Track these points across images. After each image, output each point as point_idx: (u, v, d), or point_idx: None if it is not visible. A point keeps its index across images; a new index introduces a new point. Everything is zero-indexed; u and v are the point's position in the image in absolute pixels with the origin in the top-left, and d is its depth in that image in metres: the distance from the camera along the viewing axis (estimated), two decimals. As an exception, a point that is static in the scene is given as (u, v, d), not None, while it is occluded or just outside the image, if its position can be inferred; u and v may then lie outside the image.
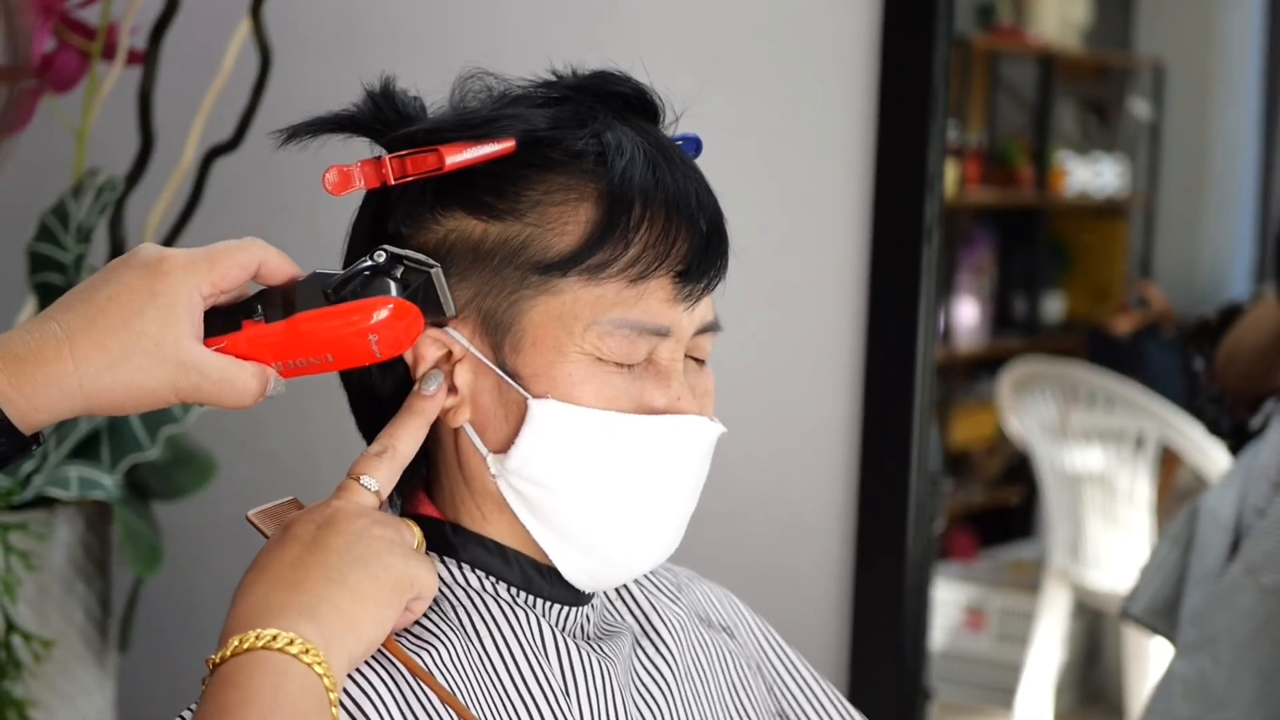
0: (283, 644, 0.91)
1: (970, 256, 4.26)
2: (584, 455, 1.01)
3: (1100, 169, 4.33)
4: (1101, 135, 4.48)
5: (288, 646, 0.91)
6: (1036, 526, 3.71)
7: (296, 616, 0.93)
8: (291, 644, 0.91)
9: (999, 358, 3.84)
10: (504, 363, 1.02)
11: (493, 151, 1.01)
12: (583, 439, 1.01)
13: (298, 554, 0.96)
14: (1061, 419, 3.43)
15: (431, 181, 1.02)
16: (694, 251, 1.02)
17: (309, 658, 0.91)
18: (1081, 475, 3.38)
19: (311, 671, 0.91)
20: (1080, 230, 4.49)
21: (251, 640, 0.92)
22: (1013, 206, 4.32)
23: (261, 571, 0.97)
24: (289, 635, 0.92)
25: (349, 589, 0.95)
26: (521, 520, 1.04)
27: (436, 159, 1.00)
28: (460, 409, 1.03)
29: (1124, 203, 4.39)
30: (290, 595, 0.94)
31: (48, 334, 0.93)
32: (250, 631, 0.92)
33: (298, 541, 0.97)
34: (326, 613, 0.94)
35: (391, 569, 0.97)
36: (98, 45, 1.72)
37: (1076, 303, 4.40)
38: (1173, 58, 4.24)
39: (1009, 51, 4.30)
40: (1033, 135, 4.28)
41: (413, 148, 1.01)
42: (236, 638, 0.92)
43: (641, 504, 1.03)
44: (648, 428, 1.02)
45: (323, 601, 0.94)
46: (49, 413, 0.94)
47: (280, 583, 0.95)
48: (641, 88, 1.07)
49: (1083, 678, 3.43)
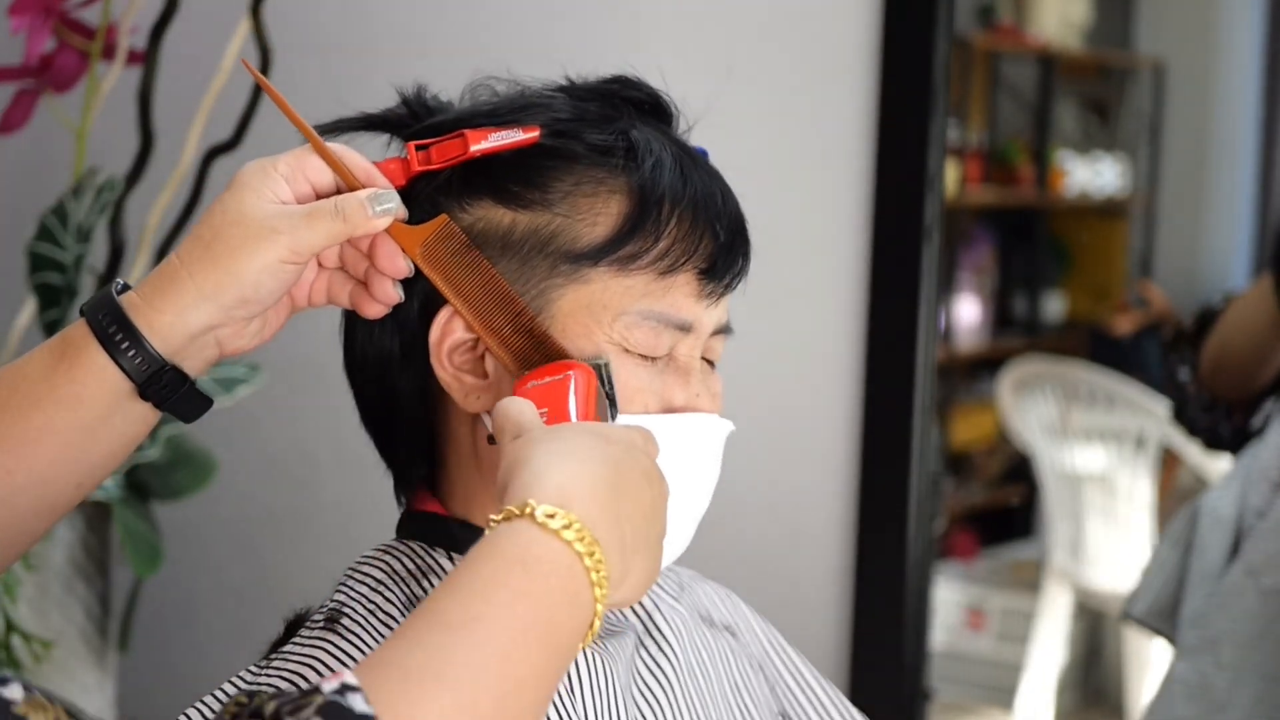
0: (593, 564, 0.83)
1: (970, 256, 4.26)
2: None
3: (1100, 169, 4.33)
4: (1101, 135, 4.49)
5: (603, 579, 0.84)
6: (1037, 526, 3.72)
7: (616, 549, 0.85)
8: (602, 578, 0.84)
9: (999, 358, 3.84)
10: None
11: (520, 139, 1.01)
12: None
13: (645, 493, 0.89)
14: (1062, 419, 3.43)
15: (458, 170, 1.02)
16: (719, 250, 1.04)
17: (599, 591, 0.84)
18: (1082, 475, 3.38)
19: (593, 608, 0.84)
20: (1080, 230, 4.49)
21: (574, 535, 0.83)
22: (1013, 206, 4.32)
23: (584, 464, 0.87)
24: (606, 570, 0.84)
25: (651, 554, 0.90)
26: None
27: (462, 144, 1.01)
28: (485, 393, 1.03)
29: (1124, 202, 4.39)
30: (613, 528, 0.86)
31: (166, 260, 0.99)
32: (576, 522, 0.83)
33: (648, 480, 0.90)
34: (634, 563, 0.88)
35: (660, 556, 0.92)
36: (97, 45, 1.72)
37: (1077, 302, 4.40)
38: (1173, 58, 4.25)
39: (1009, 51, 4.30)
40: (1033, 135, 4.29)
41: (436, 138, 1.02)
42: (563, 513, 0.83)
43: None
44: (670, 426, 1.02)
45: (633, 556, 0.87)
46: (174, 312, 0.97)
47: (605, 499, 0.86)
48: (657, 94, 1.09)
49: (1083, 678, 3.43)
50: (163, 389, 0.99)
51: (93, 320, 0.98)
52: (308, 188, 1.00)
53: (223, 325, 0.99)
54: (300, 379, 1.96)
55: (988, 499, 4.07)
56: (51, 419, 0.97)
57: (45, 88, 1.73)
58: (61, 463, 0.99)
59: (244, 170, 0.99)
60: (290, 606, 1.08)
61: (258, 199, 0.97)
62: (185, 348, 0.99)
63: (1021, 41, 4.28)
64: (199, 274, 0.97)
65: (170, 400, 1.00)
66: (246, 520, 2.11)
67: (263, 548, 2.11)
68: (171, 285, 0.98)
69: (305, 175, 1.00)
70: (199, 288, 0.97)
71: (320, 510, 2.07)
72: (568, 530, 0.83)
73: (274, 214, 0.97)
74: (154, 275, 0.99)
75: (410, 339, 1.04)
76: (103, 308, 0.98)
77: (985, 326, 4.28)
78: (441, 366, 1.03)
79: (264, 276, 0.97)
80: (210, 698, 0.98)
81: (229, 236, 0.97)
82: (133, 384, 0.98)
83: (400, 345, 1.05)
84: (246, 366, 1.75)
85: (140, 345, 0.97)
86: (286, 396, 2.00)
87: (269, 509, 2.10)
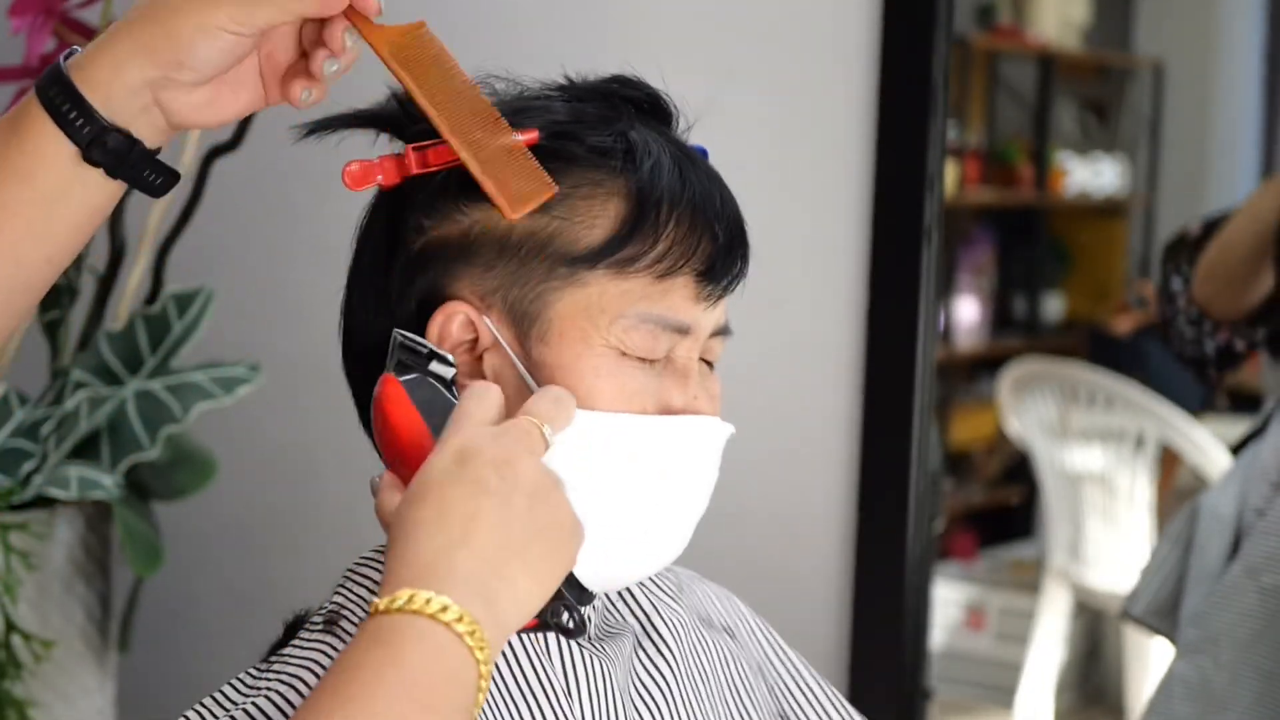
0: (451, 619, 0.85)
1: (970, 256, 4.26)
2: (604, 457, 1.01)
3: (1100, 169, 4.33)
4: (1101, 135, 4.49)
5: (456, 624, 0.85)
6: (1036, 526, 3.72)
7: (473, 593, 0.86)
8: (461, 620, 0.85)
9: (999, 358, 3.84)
10: (529, 354, 1.02)
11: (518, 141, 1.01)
12: (603, 441, 1.01)
13: (483, 508, 0.89)
14: (1061, 419, 3.43)
15: (454, 173, 1.02)
16: (717, 252, 1.03)
17: (473, 640, 0.85)
18: (1081, 475, 3.38)
19: (471, 657, 0.85)
20: (1080, 230, 4.49)
21: (421, 604, 0.85)
22: (1013, 206, 4.33)
23: (441, 512, 0.88)
24: (459, 611, 0.85)
25: (529, 565, 0.89)
26: None
27: None
28: None
29: (1124, 203, 4.39)
30: (471, 561, 0.87)
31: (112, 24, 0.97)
32: (421, 593, 0.85)
33: (485, 491, 0.89)
34: (502, 591, 0.88)
35: (568, 543, 0.92)
36: (98, 45, 1.72)
37: (1076, 303, 4.41)
38: (1172, 58, 4.25)
39: (1009, 51, 4.30)
40: (1033, 135, 4.29)
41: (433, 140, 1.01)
42: (407, 593, 0.85)
43: (660, 505, 1.03)
44: (666, 429, 1.02)
45: (500, 576, 0.88)
46: (110, 67, 0.95)
47: (462, 537, 0.87)
48: (656, 94, 1.08)
49: (1083, 678, 3.43)
50: (109, 153, 0.97)
51: (39, 89, 0.96)
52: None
53: (162, 87, 0.97)
54: (300, 379, 1.96)
55: (987, 499, 4.07)
56: (7, 196, 0.96)
57: (45, 88, 1.73)
58: (27, 239, 0.97)
59: None
60: (290, 607, 1.08)
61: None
62: (127, 106, 0.96)
63: (1021, 42, 4.29)
64: (136, 29, 0.95)
65: (121, 168, 0.98)
66: (246, 520, 2.11)
67: (263, 548, 2.11)
68: (109, 39, 0.96)
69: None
70: (135, 39, 0.95)
71: (320, 510, 2.07)
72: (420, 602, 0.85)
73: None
74: (98, 38, 0.97)
75: None
76: (49, 76, 0.96)
77: (985, 326, 4.29)
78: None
79: (199, 38, 0.95)
80: (210, 699, 0.98)
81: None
82: (77, 147, 0.96)
83: None
84: (246, 367, 1.75)
85: (82, 106, 0.95)
86: (286, 396, 2.00)
87: (269, 509, 2.10)
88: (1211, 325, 1.97)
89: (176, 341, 1.75)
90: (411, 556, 0.87)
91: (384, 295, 1.04)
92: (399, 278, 1.03)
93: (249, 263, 2.03)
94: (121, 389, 1.71)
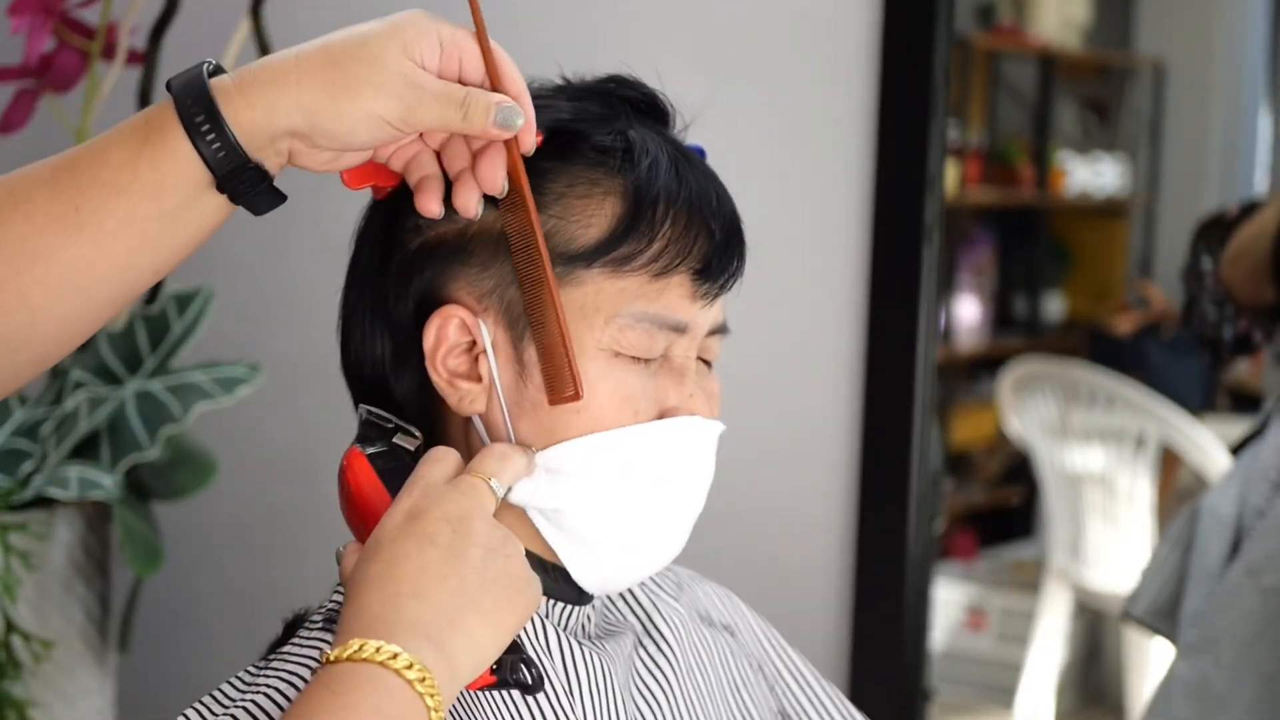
0: (400, 666, 0.87)
1: (970, 256, 4.26)
2: (599, 473, 1.01)
3: (1100, 169, 4.33)
4: (1101, 135, 4.49)
5: (405, 670, 0.87)
6: (1036, 526, 3.72)
7: (423, 639, 0.88)
8: (410, 668, 0.87)
9: (999, 358, 3.84)
10: (523, 355, 1.02)
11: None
12: (598, 458, 1.01)
13: (432, 559, 0.91)
14: (1062, 419, 3.43)
15: None
16: (713, 251, 1.03)
17: (423, 687, 0.87)
18: (1082, 475, 3.38)
19: (421, 703, 0.87)
20: (1080, 230, 4.49)
21: (371, 652, 0.87)
22: (1013, 206, 4.32)
23: (390, 566, 0.91)
24: (409, 658, 0.87)
25: (483, 614, 0.91)
26: (535, 524, 1.03)
27: None
28: (479, 397, 1.02)
29: (1124, 202, 4.39)
30: (422, 610, 0.89)
31: (282, 54, 0.96)
32: (371, 641, 0.88)
33: (432, 544, 0.92)
34: (455, 639, 0.90)
35: (522, 594, 0.94)
36: (97, 45, 1.72)
37: (1077, 302, 4.40)
38: (1173, 58, 4.25)
39: (1009, 51, 4.30)
40: (1033, 135, 4.29)
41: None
42: (357, 642, 0.88)
43: (657, 510, 1.04)
44: (657, 435, 1.02)
45: (454, 625, 0.90)
46: (265, 110, 0.94)
47: (412, 589, 0.90)
48: (653, 93, 1.08)
49: (1083, 678, 3.44)
50: (241, 185, 0.96)
51: (180, 105, 0.95)
52: (455, 67, 0.98)
53: (305, 143, 0.97)
54: (300, 379, 1.96)
55: (988, 499, 4.07)
56: (134, 208, 0.94)
57: (45, 88, 1.73)
58: (141, 252, 0.96)
59: (408, 15, 0.97)
60: (290, 607, 1.08)
61: (404, 52, 0.95)
62: (265, 146, 0.96)
63: (1021, 41, 4.29)
64: (307, 86, 0.94)
65: (246, 195, 0.97)
66: (246, 520, 2.11)
67: (263, 548, 2.11)
68: (272, 84, 0.95)
69: (460, 55, 0.98)
70: (298, 97, 0.94)
71: (321, 510, 2.06)
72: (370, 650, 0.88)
73: (408, 76, 0.95)
74: (258, 66, 0.96)
75: (404, 341, 1.04)
76: (191, 92, 0.95)
77: (985, 326, 4.29)
78: (435, 370, 1.02)
79: (362, 125, 0.95)
80: (208, 696, 0.98)
81: (354, 70, 0.94)
82: (213, 176, 0.95)
83: (394, 348, 1.04)
84: (246, 367, 1.75)
85: (225, 139, 0.94)
86: (286, 396, 2.00)
87: (269, 509, 2.10)
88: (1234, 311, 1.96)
89: (176, 341, 1.75)
90: (363, 609, 0.90)
91: (381, 296, 1.04)
92: (396, 278, 1.03)
93: (249, 263, 2.03)
94: (121, 389, 1.71)
